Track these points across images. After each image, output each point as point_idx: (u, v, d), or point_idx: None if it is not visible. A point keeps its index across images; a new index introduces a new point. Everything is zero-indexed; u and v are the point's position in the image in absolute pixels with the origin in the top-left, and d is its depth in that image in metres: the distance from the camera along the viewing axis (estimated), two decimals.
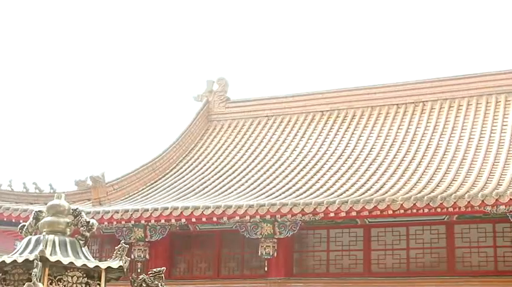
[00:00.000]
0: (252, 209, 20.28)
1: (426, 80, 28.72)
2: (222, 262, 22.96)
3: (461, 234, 20.62)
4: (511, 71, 27.45)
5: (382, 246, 21.36)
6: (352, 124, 27.76)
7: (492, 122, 25.06)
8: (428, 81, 28.46)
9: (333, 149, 25.95)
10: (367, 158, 24.44)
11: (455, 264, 20.50)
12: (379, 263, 21.30)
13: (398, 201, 18.84)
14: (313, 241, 22.18)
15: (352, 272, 21.41)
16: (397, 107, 27.96)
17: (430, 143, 24.60)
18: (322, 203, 19.65)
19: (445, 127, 25.63)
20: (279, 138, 28.14)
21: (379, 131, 26.64)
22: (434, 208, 18.56)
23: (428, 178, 21.19)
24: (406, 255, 21.08)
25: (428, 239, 20.94)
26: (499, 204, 18.09)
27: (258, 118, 30.12)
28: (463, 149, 23.36)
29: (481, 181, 20.01)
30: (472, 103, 26.72)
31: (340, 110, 28.93)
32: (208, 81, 31.95)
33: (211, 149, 28.58)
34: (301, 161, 25.44)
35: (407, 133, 25.89)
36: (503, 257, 20.11)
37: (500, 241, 20.23)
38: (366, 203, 19.16)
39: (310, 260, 22.13)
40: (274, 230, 21.03)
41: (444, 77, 28.48)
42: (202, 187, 24.45)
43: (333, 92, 29.85)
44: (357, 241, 21.67)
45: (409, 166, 22.84)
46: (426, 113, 27.02)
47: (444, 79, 28.30)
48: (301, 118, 29.23)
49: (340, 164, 24.26)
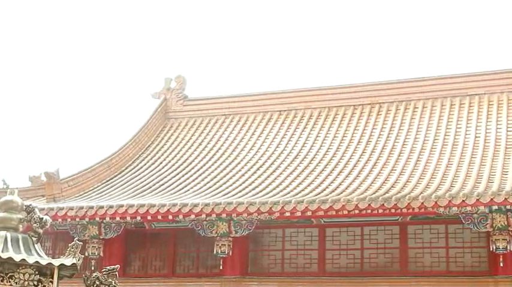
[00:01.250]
0: (208, 208, 20.27)
1: (383, 81, 29.02)
2: (177, 260, 22.90)
3: (414, 235, 20.88)
4: (465, 74, 27.89)
5: (337, 246, 21.51)
6: (309, 124, 27.91)
7: (446, 125, 25.43)
8: (385, 83, 28.75)
9: (289, 149, 26.06)
10: (323, 158, 24.60)
11: (408, 264, 20.74)
12: (334, 262, 21.44)
13: (354, 201, 19.00)
14: (269, 240, 22.24)
15: (307, 272, 21.53)
16: (354, 108, 28.19)
17: (386, 144, 24.86)
18: (278, 202, 19.73)
19: (401, 129, 25.93)
20: (236, 137, 28.16)
21: (336, 131, 26.83)
22: (388, 208, 18.77)
23: (383, 179, 21.41)
24: (360, 255, 21.26)
25: (382, 239, 21.15)
26: (451, 205, 18.38)
27: (216, 116, 30.10)
28: (417, 151, 23.66)
29: (435, 182, 20.29)
30: (427, 106, 27.07)
31: (297, 110, 29.06)
32: (166, 79, 31.83)
33: (168, 147, 28.49)
34: (257, 160, 25.50)
35: (363, 134, 26.13)
36: (454, 258, 20.41)
37: (452, 242, 20.53)
38: (322, 203, 19.29)
39: (265, 259, 22.19)
40: (230, 228, 21.05)
41: (400, 79, 28.82)
42: (159, 184, 24.36)
43: (291, 92, 29.98)
44: (312, 240, 21.79)
45: (365, 167, 23.04)
46: (382, 114, 27.30)
47: (400, 81, 28.62)
48: (259, 117, 29.29)
49: (297, 164, 24.38)
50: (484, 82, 27.17)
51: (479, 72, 27.82)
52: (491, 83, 27.05)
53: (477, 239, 20.23)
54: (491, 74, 27.44)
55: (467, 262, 20.26)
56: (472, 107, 26.31)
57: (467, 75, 27.85)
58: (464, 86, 27.34)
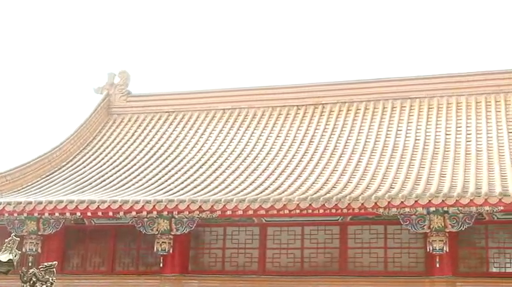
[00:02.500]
0: (149, 205, 20.16)
1: (326, 82, 29.27)
2: (116, 257, 22.72)
3: (354, 235, 21.12)
4: (407, 78, 28.33)
5: (278, 245, 21.63)
6: (252, 123, 27.98)
7: (387, 127, 25.78)
8: (328, 84, 29.00)
9: (232, 148, 26.09)
10: (266, 157, 24.69)
11: (347, 264, 20.98)
12: (274, 261, 21.56)
13: (295, 201, 19.13)
14: (210, 238, 22.24)
15: (247, 270, 21.59)
16: (297, 109, 28.37)
17: (328, 145, 25.08)
18: (219, 200, 19.74)
19: (343, 130, 26.19)
20: (179, 135, 28.06)
21: (279, 131, 26.96)
22: (329, 208, 18.95)
23: (324, 179, 21.60)
24: (300, 254, 21.42)
25: (323, 239, 21.34)
26: (391, 206, 18.65)
27: (159, 113, 29.94)
28: (358, 152, 23.93)
29: (375, 183, 20.56)
30: (369, 107, 27.40)
31: (241, 109, 29.10)
32: (109, 74, 31.52)
33: (110, 143, 28.22)
34: (200, 158, 25.45)
35: (306, 134, 26.31)
36: (392, 259, 20.73)
37: (390, 243, 20.84)
38: (263, 202, 19.36)
39: (206, 258, 22.18)
40: (171, 226, 20.98)
41: (343, 81, 29.12)
42: (100, 180, 24.11)
43: (235, 91, 30.01)
44: (253, 239, 21.86)
45: (307, 167, 23.21)
46: (325, 115, 27.53)
47: (343, 83, 28.92)
48: (202, 115, 29.25)
49: (239, 163, 24.42)
50: (425, 86, 27.63)
51: (420, 76, 28.28)
52: (432, 86, 27.52)
53: (415, 240, 20.59)
54: (432, 78, 27.92)
55: (405, 263, 20.60)
56: (412, 110, 26.74)
57: (408, 78, 28.28)
58: (406, 89, 27.76)
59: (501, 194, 17.94)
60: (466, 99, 26.65)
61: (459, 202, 18.16)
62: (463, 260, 20.25)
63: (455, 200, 18.17)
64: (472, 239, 20.32)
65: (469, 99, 26.60)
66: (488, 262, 20.17)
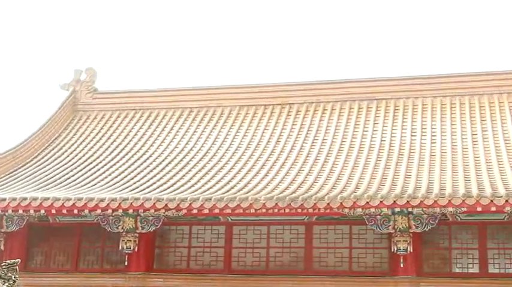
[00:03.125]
0: (114, 203, 20.04)
1: (293, 83, 29.36)
2: (81, 255, 22.56)
3: (319, 235, 21.23)
4: (372, 79, 28.54)
5: (243, 244, 21.66)
6: (219, 122, 27.97)
7: (354, 127, 25.95)
8: (296, 84, 29.11)
9: (199, 146, 26.05)
10: (232, 156, 24.70)
11: (313, 264, 21.08)
12: (239, 260, 21.58)
13: (261, 200, 19.16)
14: (175, 237, 22.20)
15: (213, 269, 21.59)
16: (265, 108, 28.42)
17: (295, 144, 25.17)
18: (185, 199, 19.70)
19: (310, 130, 26.30)
20: (146, 133, 27.95)
21: (246, 130, 26.99)
22: (295, 208, 19.01)
23: (291, 179, 21.66)
24: (265, 253, 21.47)
25: (288, 238, 21.42)
26: (356, 207, 18.77)
27: (126, 111, 29.79)
28: (325, 152, 24.05)
29: (341, 184, 20.68)
30: (336, 108, 27.55)
31: (208, 107, 29.08)
32: (76, 71, 31.27)
33: (76, 140, 28.00)
34: (167, 156, 25.38)
35: (273, 134, 26.37)
36: (357, 258, 20.87)
37: (355, 243, 20.99)
38: (229, 201, 19.37)
39: (171, 256, 22.12)
40: (136, 224, 20.90)
41: (311, 81, 29.23)
42: (65, 177, 23.91)
43: (202, 89, 29.97)
44: (219, 238, 21.86)
45: (273, 166, 23.26)
46: (292, 115, 27.63)
47: (310, 83, 29.03)
48: (169, 113, 29.16)
49: (206, 162, 24.39)
50: (391, 87, 27.86)
51: (386, 78, 28.51)
52: (397, 88, 27.77)
53: (379, 240, 20.76)
54: (398, 80, 28.17)
55: (369, 262, 20.76)
56: (379, 111, 26.94)
57: (375, 79, 28.50)
58: (372, 90, 27.97)
59: (464, 195, 18.17)
60: (431, 101, 26.94)
61: (423, 203, 18.34)
62: (426, 261, 20.46)
63: (419, 201, 18.35)
64: (435, 239, 20.55)
65: (434, 101, 26.89)
66: (451, 262, 20.41)
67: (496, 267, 20.09)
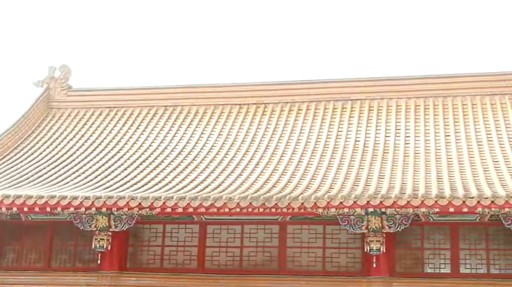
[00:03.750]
0: (87, 201, 19.92)
1: (268, 82, 29.41)
2: (53, 253, 22.40)
3: (293, 234, 21.27)
4: (347, 79, 28.66)
5: (217, 243, 21.64)
6: (194, 121, 27.94)
7: (328, 128, 26.05)
8: (271, 84, 29.15)
9: (173, 145, 26.00)
10: (207, 155, 24.68)
11: (286, 263, 21.12)
12: (213, 260, 21.55)
13: (235, 200, 19.16)
14: (149, 236, 22.12)
15: (186, 268, 21.55)
16: (240, 107, 28.43)
17: (269, 144, 25.21)
18: (159, 198, 19.64)
19: (284, 130, 26.36)
20: (120, 131, 27.83)
21: (221, 129, 26.98)
22: (269, 207, 19.02)
23: (265, 179, 21.69)
24: (239, 253, 21.47)
25: (262, 238, 21.44)
26: (330, 207, 18.82)
27: (100, 109, 29.65)
28: (299, 152, 24.11)
29: (315, 183, 20.74)
30: (311, 108, 27.64)
31: (183, 106, 29.04)
32: (50, 68, 31.07)
33: (49, 137, 27.81)
34: (141, 155, 25.29)
35: (247, 133, 26.39)
36: (330, 258, 20.95)
37: (328, 243, 21.06)
38: (203, 200, 19.34)
39: (144, 255, 22.05)
40: (110, 223, 20.80)
41: (285, 81, 29.29)
42: (38, 175, 23.73)
43: (177, 88, 29.90)
44: (193, 237, 21.83)
45: (248, 166, 23.28)
46: (267, 114, 27.66)
47: (285, 83, 29.09)
48: (144, 112, 29.07)
49: (180, 161, 24.34)
50: (365, 88, 28.00)
51: (360, 78, 28.65)
52: (372, 89, 27.92)
53: (353, 240, 20.84)
54: (373, 81, 28.31)
55: (343, 262, 20.84)
56: (353, 112, 27.07)
57: (349, 80, 28.62)
58: (347, 90, 28.09)
59: (437, 196, 18.30)
60: (405, 102, 27.12)
61: (396, 203, 18.44)
62: (399, 261, 20.59)
63: (392, 201, 18.44)
64: (408, 240, 20.68)
65: (408, 103, 27.07)
66: (424, 262, 20.55)
67: (468, 268, 20.27)
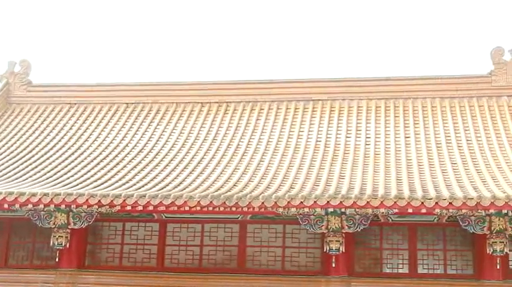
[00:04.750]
0: (46, 198, 19.71)
1: (231, 81, 29.40)
2: (10, 250, 22.15)
3: (253, 233, 21.32)
4: (309, 80, 28.76)
5: (177, 241, 21.60)
6: (156, 119, 27.83)
7: (290, 128, 26.14)
8: (233, 83, 29.15)
9: (134, 142, 25.86)
10: (168, 153, 24.60)
11: (246, 262, 21.16)
12: (173, 258, 21.51)
13: (196, 198, 19.12)
14: (108, 233, 21.98)
15: (146, 266, 21.46)
16: (202, 106, 28.39)
17: (231, 143, 25.21)
18: (119, 195, 19.51)
19: (246, 129, 26.38)
20: (81, 127, 27.60)
21: (183, 127, 26.92)
22: (230, 206, 19.01)
23: (226, 177, 21.69)
24: (199, 251, 21.45)
25: (222, 237, 21.45)
26: (290, 206, 18.87)
27: (61, 105, 29.38)
28: (261, 152, 24.16)
29: (276, 183, 20.80)
30: (273, 108, 27.71)
31: (145, 103, 28.91)
32: (9, 62, 30.68)
33: (8, 133, 27.47)
34: (101, 152, 25.11)
35: (209, 132, 26.36)
36: (290, 257, 21.04)
37: (288, 242, 21.14)
38: (164, 198, 19.26)
39: (103, 253, 21.91)
40: (68, 220, 20.62)
41: (248, 80, 29.29)
42: None
43: (139, 85, 29.76)
44: (152, 235, 21.75)
45: (209, 164, 23.26)
46: (229, 113, 27.67)
47: (248, 82, 29.10)
48: (105, 108, 28.88)
49: (141, 158, 24.23)
50: (327, 88, 28.15)
51: (322, 79, 28.76)
52: (334, 89, 28.08)
53: (312, 240, 20.96)
54: (334, 81, 28.46)
55: (302, 262, 20.94)
56: (315, 112, 27.20)
57: (311, 80, 28.72)
58: (309, 91, 28.22)
59: (396, 197, 18.47)
60: (366, 103, 27.33)
61: (356, 204, 18.56)
62: (358, 261, 20.76)
63: (352, 201, 18.56)
64: (367, 240, 20.87)
65: (370, 104, 27.29)
66: (382, 262, 20.75)
67: (425, 268, 20.52)
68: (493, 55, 27.49)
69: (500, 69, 27.26)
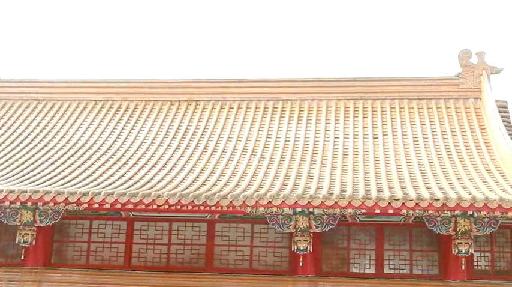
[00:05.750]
0: (12, 195, 19.50)
1: (200, 79, 29.35)
2: None
3: (221, 232, 21.31)
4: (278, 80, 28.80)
5: (144, 240, 21.51)
6: (124, 116, 27.68)
7: (259, 127, 26.16)
8: (202, 82, 29.10)
9: (103, 140, 25.70)
10: (136, 151, 24.49)
11: (214, 261, 21.14)
12: (140, 256, 21.42)
13: (164, 196, 19.06)
14: (75, 231, 21.82)
15: (112, 265, 21.34)
16: (171, 104, 28.31)
17: (200, 142, 25.17)
18: (87, 193, 19.38)
19: (215, 128, 26.36)
20: (48, 124, 27.36)
21: (151, 125, 26.81)
22: (198, 205, 18.98)
23: (195, 176, 21.65)
24: (167, 250, 21.39)
25: (190, 235, 21.41)
26: (258, 206, 18.89)
27: (28, 101, 29.09)
28: (230, 151, 24.15)
29: (244, 182, 20.81)
30: (242, 107, 27.72)
31: (114, 101, 28.75)
32: None
33: None
34: (69, 149, 24.91)
35: (178, 130, 26.29)
36: (258, 257, 21.07)
37: (256, 241, 21.17)
38: (132, 196, 19.17)
39: (70, 251, 21.75)
40: (35, 217, 20.40)
41: (217, 79, 29.25)
42: None
43: (108, 82, 29.57)
44: (120, 233, 21.63)
45: (177, 163, 23.20)
46: (198, 112, 27.62)
47: (217, 81, 29.06)
48: (73, 105, 28.66)
49: (109, 156, 24.09)
50: (296, 89, 28.24)
51: (292, 79, 28.83)
52: (303, 90, 28.17)
53: (280, 240, 21.01)
54: (304, 81, 28.55)
55: (270, 261, 20.98)
56: (284, 112, 27.28)
57: (281, 80, 28.77)
58: (278, 91, 28.27)
59: (364, 197, 18.58)
60: (335, 103, 27.46)
61: (324, 204, 18.64)
62: (325, 260, 20.85)
63: (320, 201, 18.64)
64: (334, 240, 20.97)
65: (338, 104, 27.42)
66: (349, 262, 20.87)
67: (392, 268, 20.68)
68: (460, 58, 27.80)
69: (468, 71, 27.57)
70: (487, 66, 27.51)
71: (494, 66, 27.54)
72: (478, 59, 27.70)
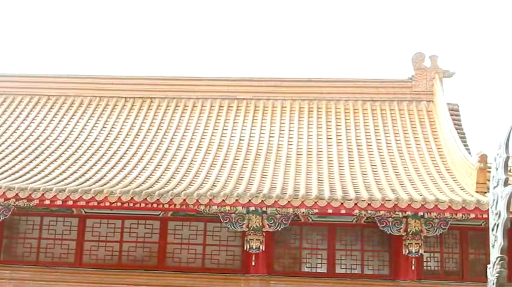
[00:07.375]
0: None
1: (155, 77, 29.24)
2: None
3: (174, 231, 21.24)
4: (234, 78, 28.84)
5: (96, 237, 21.33)
6: (78, 112, 27.41)
7: (214, 126, 26.16)
8: (158, 79, 28.99)
9: (55, 136, 25.41)
10: (90, 148, 24.26)
11: (166, 259, 21.06)
12: (91, 254, 21.22)
13: (117, 194, 18.93)
14: (25, 228, 21.53)
15: (63, 262, 21.11)
16: (125, 101, 28.12)
17: (154, 139, 25.06)
18: (38, 189, 19.13)
19: (170, 125, 26.27)
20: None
21: (105, 122, 26.60)
22: (151, 203, 18.90)
23: (148, 174, 21.55)
24: (119, 248, 21.24)
25: (142, 233, 21.29)
26: (212, 204, 18.88)
27: None
28: (184, 149, 24.09)
29: (198, 181, 20.78)
30: (197, 105, 27.67)
31: (67, 96, 28.43)
32: None
33: None
34: (20, 144, 24.57)
35: (132, 127, 26.13)
36: (210, 255, 21.05)
37: (209, 240, 21.15)
38: (84, 193, 19.00)
39: (19, 247, 21.44)
40: None
41: (172, 77, 29.17)
42: None
43: (62, 77, 29.26)
44: (71, 230, 21.41)
45: (131, 160, 23.06)
46: (153, 109, 27.49)
47: (172, 78, 28.97)
48: (26, 100, 28.27)
49: (62, 152, 23.82)
50: (252, 88, 28.29)
51: (247, 78, 28.88)
52: (259, 89, 28.24)
53: (233, 238, 21.02)
54: (259, 81, 28.63)
55: (222, 260, 20.99)
56: (239, 111, 27.30)
57: (236, 79, 28.81)
58: (234, 89, 28.29)
59: (317, 197, 18.71)
60: (290, 103, 27.58)
61: (277, 203, 18.72)
62: (277, 260, 20.93)
63: (274, 201, 18.71)
64: (287, 239, 21.06)
65: (293, 104, 27.55)
66: (301, 262, 20.98)
67: (343, 268, 20.86)
68: (414, 60, 28.15)
69: (421, 74, 27.94)
70: (440, 70, 27.90)
71: (447, 70, 27.95)
72: (431, 62, 28.08)
